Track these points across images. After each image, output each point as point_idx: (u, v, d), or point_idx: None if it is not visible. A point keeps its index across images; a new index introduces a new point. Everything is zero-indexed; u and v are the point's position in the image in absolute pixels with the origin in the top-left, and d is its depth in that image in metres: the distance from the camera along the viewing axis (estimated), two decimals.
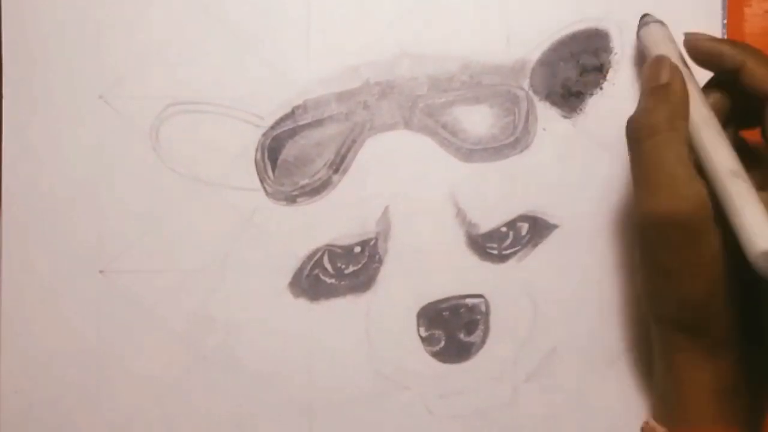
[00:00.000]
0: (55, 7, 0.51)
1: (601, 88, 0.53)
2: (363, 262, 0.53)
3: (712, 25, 0.53)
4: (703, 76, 0.47)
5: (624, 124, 0.45)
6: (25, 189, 0.51)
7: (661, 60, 0.45)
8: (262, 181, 0.52)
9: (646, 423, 0.46)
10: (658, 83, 0.44)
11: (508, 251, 0.53)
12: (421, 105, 0.52)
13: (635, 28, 0.51)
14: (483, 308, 0.53)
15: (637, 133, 0.43)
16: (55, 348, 0.51)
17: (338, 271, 0.52)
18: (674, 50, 0.46)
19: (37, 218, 0.51)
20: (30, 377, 0.51)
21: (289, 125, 0.52)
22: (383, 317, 0.53)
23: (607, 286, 0.53)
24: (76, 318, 0.51)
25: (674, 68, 0.44)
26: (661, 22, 0.48)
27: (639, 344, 0.53)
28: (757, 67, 0.43)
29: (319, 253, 0.52)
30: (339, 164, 0.52)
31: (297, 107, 0.52)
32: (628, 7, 0.52)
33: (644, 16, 0.50)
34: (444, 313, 0.53)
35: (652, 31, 0.48)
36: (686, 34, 0.46)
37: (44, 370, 0.51)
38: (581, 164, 0.53)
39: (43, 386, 0.51)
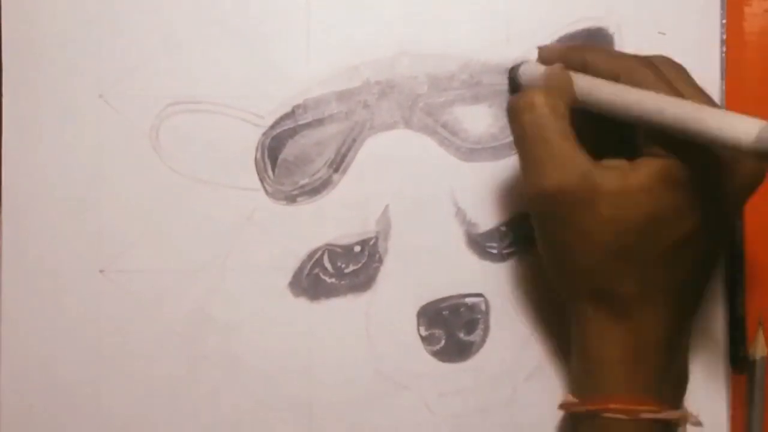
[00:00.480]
0: (55, 7, 0.51)
1: None
2: (363, 261, 0.53)
3: (711, 25, 0.53)
4: None
5: None
6: (26, 188, 0.51)
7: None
8: (262, 180, 0.52)
9: (564, 399, 0.47)
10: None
11: (508, 250, 0.53)
12: (421, 104, 0.52)
13: (635, 26, 0.52)
14: (483, 307, 0.53)
15: (515, 110, 0.45)
16: (56, 347, 0.51)
17: (338, 271, 0.52)
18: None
19: (38, 217, 0.51)
20: (30, 377, 0.51)
21: (289, 124, 0.52)
22: (383, 316, 0.53)
23: None
24: (77, 317, 0.51)
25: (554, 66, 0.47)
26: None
27: None
28: (596, 58, 0.46)
29: (319, 253, 0.52)
30: (339, 163, 0.52)
31: (297, 106, 0.52)
32: (627, 6, 0.53)
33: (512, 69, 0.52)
34: (444, 313, 0.53)
35: (528, 68, 0.50)
36: (539, 48, 0.50)
37: (45, 369, 0.51)
38: None
39: (43, 386, 0.51)
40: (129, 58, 0.52)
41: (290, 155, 0.52)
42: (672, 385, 0.46)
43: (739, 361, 0.53)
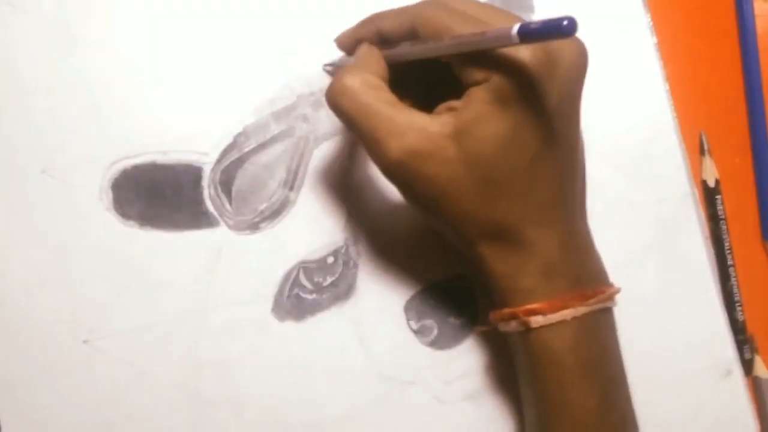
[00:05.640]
0: None
1: None
2: (339, 270, 0.53)
3: None
4: None
5: None
6: None
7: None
8: (221, 215, 0.52)
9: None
10: None
11: None
12: None
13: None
14: (468, 287, 0.53)
15: (332, 98, 0.45)
16: (56, 427, 0.51)
17: (317, 286, 0.53)
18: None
19: (9, 302, 0.51)
20: None
21: (235, 155, 0.53)
22: (372, 320, 0.53)
23: None
24: (71, 392, 0.51)
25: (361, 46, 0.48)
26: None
27: (624, 289, 0.51)
28: (386, 21, 0.46)
29: (295, 272, 0.53)
30: (293, 181, 0.53)
31: (238, 135, 0.53)
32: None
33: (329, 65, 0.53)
34: (430, 302, 0.53)
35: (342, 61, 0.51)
36: (335, 41, 0.51)
37: None
38: None
39: None
40: (65, 127, 0.52)
41: (243, 184, 0.52)
42: (592, 279, 0.47)
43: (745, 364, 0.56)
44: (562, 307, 0.44)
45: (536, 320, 0.45)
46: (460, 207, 0.44)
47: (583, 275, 0.46)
